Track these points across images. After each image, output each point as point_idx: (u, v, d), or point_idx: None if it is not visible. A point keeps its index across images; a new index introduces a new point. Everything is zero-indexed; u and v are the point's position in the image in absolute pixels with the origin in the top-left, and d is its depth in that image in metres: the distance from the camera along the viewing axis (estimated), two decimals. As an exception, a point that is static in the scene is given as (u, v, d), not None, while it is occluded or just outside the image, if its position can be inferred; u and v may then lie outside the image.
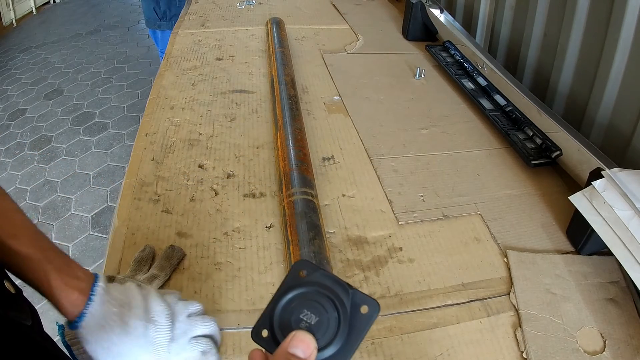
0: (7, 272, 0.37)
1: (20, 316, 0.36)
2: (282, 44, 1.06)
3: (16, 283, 0.38)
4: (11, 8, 4.10)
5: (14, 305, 0.36)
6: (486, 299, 0.53)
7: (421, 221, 0.63)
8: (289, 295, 0.29)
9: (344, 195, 0.67)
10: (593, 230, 0.54)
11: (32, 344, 0.36)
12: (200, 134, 0.79)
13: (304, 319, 0.28)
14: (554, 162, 0.71)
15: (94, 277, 0.40)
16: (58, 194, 2.09)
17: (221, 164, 0.73)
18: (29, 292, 0.39)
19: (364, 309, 0.29)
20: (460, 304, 0.52)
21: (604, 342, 0.48)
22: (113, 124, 2.63)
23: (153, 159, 0.73)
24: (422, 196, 0.68)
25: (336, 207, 0.65)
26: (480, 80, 0.93)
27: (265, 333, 0.29)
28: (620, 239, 0.50)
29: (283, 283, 0.30)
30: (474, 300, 0.53)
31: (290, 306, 0.29)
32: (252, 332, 0.30)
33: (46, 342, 0.39)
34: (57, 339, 0.41)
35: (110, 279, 0.48)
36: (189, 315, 0.43)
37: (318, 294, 0.29)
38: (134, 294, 0.42)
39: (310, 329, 0.28)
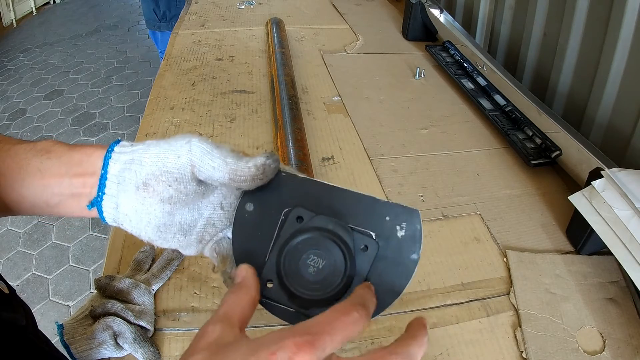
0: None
1: (15, 317, 0.35)
2: (282, 44, 1.06)
3: (9, 283, 0.38)
4: (11, 8, 4.11)
5: (7, 305, 0.35)
6: (486, 298, 0.53)
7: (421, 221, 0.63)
8: (294, 241, 0.28)
9: (343, 195, 0.67)
10: (593, 230, 0.54)
11: (27, 345, 0.35)
12: (200, 134, 0.79)
13: (311, 264, 0.28)
14: (553, 162, 0.71)
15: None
16: (58, 194, 2.09)
17: (221, 164, 0.73)
18: (27, 294, 0.39)
19: (365, 248, 0.30)
20: (459, 303, 0.52)
21: (604, 341, 0.48)
22: (113, 124, 2.64)
23: (153, 159, 0.73)
24: (421, 196, 0.68)
25: (336, 207, 0.65)
26: (480, 80, 0.93)
27: (270, 284, 0.29)
28: (620, 239, 0.50)
29: (280, 231, 0.30)
30: (474, 300, 0.53)
31: (295, 253, 0.28)
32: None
33: (41, 342, 0.38)
34: (56, 339, 0.41)
35: (110, 279, 0.48)
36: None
37: (321, 237, 0.28)
38: None
39: (318, 274, 0.28)
